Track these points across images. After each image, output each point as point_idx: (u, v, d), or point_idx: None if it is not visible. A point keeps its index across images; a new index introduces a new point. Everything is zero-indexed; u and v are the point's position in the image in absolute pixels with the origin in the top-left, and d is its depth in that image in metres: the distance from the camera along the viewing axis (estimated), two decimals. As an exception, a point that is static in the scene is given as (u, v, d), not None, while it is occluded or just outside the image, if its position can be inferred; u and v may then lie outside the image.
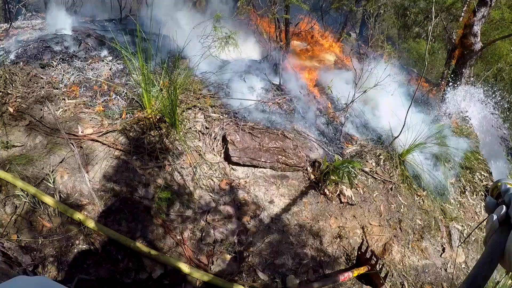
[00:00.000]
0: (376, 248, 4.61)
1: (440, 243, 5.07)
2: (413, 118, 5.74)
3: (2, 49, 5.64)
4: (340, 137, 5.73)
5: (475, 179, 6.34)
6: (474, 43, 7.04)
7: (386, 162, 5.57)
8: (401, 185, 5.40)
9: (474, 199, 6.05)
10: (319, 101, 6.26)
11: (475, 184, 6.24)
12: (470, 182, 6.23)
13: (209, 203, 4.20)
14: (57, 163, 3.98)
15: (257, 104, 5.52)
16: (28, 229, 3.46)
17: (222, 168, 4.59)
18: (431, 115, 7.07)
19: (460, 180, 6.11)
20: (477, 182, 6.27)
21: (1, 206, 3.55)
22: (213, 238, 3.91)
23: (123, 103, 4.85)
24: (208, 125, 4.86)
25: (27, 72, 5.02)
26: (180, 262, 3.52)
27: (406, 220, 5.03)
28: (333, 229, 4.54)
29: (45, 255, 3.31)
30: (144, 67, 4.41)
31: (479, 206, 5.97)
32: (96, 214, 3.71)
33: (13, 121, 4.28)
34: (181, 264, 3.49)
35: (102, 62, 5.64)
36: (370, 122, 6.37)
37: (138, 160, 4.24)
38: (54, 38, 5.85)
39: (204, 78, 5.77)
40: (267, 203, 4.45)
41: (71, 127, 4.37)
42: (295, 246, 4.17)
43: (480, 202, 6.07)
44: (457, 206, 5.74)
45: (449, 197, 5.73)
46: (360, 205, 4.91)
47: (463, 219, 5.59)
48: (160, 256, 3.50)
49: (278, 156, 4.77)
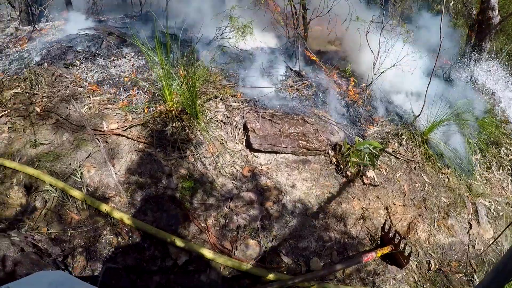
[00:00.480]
0: (401, 228, 4.62)
1: (466, 220, 5.03)
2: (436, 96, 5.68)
3: (26, 51, 5.83)
4: (361, 119, 5.71)
5: (501, 153, 6.25)
6: (492, 17, 6.91)
7: (408, 141, 5.51)
8: (424, 164, 5.35)
9: (501, 174, 5.97)
10: (339, 84, 6.26)
11: (502, 158, 6.16)
12: (496, 157, 6.15)
13: (232, 190, 4.29)
14: (83, 158, 4.15)
15: (276, 92, 5.57)
16: (58, 222, 3.63)
17: (244, 156, 4.68)
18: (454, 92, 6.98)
19: (485, 156, 6.02)
20: (503, 157, 6.18)
21: (31, 201, 3.73)
22: (236, 224, 4.00)
23: (146, 97, 4.97)
24: (229, 114, 4.94)
25: (52, 72, 5.20)
26: (204, 248, 3.63)
27: (431, 199, 4.99)
28: (356, 211, 4.57)
29: (74, 246, 3.48)
30: (163, 62, 4.51)
31: (506, 181, 5.89)
32: (122, 206, 3.85)
33: (41, 120, 4.46)
34: (204, 250, 3.60)
35: (124, 59, 5.77)
36: (391, 103, 6.32)
37: (161, 151, 4.37)
38: (77, 38, 6.01)
39: (224, 68, 5.84)
40: (289, 188, 4.51)
41: (96, 123, 4.53)
42: (318, 229, 4.23)
43: (507, 176, 5.99)
44: (483, 182, 5.68)
45: (475, 173, 5.65)
46: (383, 186, 4.90)
47: (490, 195, 5.53)
48: (184, 243, 3.61)
49: (298, 141, 4.82)
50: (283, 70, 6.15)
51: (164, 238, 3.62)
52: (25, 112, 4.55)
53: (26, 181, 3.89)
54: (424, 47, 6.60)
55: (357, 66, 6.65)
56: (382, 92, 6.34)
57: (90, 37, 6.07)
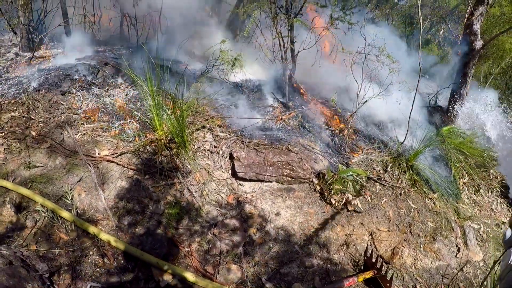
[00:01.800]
0: (385, 253, 4.72)
1: (454, 243, 5.13)
2: (421, 122, 5.84)
3: (25, 77, 6.03)
4: (345, 147, 5.90)
5: (490, 176, 6.39)
6: (475, 42, 7.12)
7: (394, 168, 5.67)
8: (410, 190, 5.49)
9: (490, 196, 6.11)
10: (324, 114, 6.46)
11: (490, 181, 6.30)
12: (484, 179, 6.28)
13: (216, 217, 4.45)
14: (75, 182, 4.32)
15: (263, 122, 5.77)
16: (46, 240, 3.78)
17: (230, 184, 4.85)
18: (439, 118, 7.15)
19: (473, 179, 6.15)
20: (492, 179, 6.33)
21: (22, 219, 3.89)
22: (219, 250, 4.14)
23: (137, 126, 5.16)
24: (216, 144, 5.13)
25: (49, 98, 5.39)
26: (187, 271, 3.76)
27: (417, 224, 5.12)
28: (339, 237, 4.71)
29: (61, 264, 3.62)
30: (153, 93, 4.72)
31: (495, 202, 6.02)
32: (110, 228, 4.01)
33: (36, 143, 4.65)
34: (187, 273, 3.73)
35: (118, 89, 5.98)
36: (376, 130, 6.49)
37: (150, 178, 4.54)
38: (74, 67, 6.21)
39: (212, 99, 6.05)
40: (273, 215, 4.67)
41: (89, 149, 4.72)
42: (301, 255, 4.36)
43: (496, 198, 6.11)
44: (471, 205, 5.79)
45: (462, 197, 5.77)
46: (368, 212, 5.04)
47: (478, 217, 5.64)
48: (168, 266, 3.75)
49: (283, 170, 5.01)
50: (270, 101, 6.36)
51: (148, 261, 3.76)
52: (21, 135, 4.73)
53: (19, 200, 4.06)
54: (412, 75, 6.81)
55: (342, 96, 6.86)
56: (367, 120, 6.53)
57: (86, 67, 6.27)
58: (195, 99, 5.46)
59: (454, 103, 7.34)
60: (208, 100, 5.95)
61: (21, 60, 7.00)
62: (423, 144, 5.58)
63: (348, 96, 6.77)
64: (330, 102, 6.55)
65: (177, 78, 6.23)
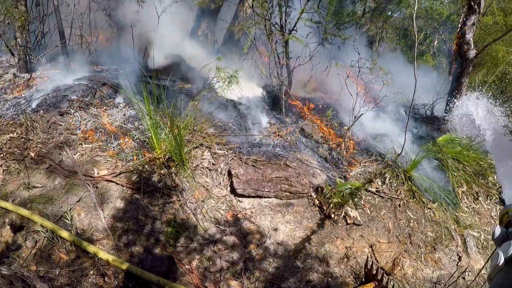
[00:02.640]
0: (386, 265, 4.71)
1: (455, 252, 5.13)
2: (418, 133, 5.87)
3: (23, 98, 6.07)
4: (343, 161, 5.94)
5: (488, 183, 6.39)
6: (468, 51, 7.17)
7: (392, 180, 5.69)
8: (409, 200, 5.50)
9: (489, 203, 6.10)
10: (321, 128, 6.51)
11: (489, 188, 6.29)
12: (483, 187, 6.28)
13: (215, 234, 4.46)
14: (74, 202, 4.34)
15: (260, 138, 5.82)
16: (47, 260, 3.79)
17: (228, 201, 4.87)
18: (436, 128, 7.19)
19: (472, 187, 6.14)
20: (490, 187, 6.32)
21: (22, 240, 3.90)
22: (219, 266, 4.15)
23: (135, 145, 5.19)
24: (214, 161, 5.17)
25: (47, 119, 5.44)
26: (187, 288, 3.78)
27: (417, 234, 5.12)
28: (340, 250, 4.71)
29: (61, 284, 3.62)
30: (151, 112, 4.76)
31: (494, 209, 6.00)
32: (110, 248, 4.02)
33: (34, 164, 4.68)
34: (187, 290, 3.75)
35: (116, 109, 6.02)
36: (373, 143, 6.53)
37: (149, 197, 4.57)
38: (72, 87, 6.28)
39: (210, 117, 6.09)
40: (272, 230, 4.68)
41: (88, 169, 4.74)
42: (302, 269, 4.36)
43: (495, 205, 6.11)
44: (471, 213, 5.79)
45: (461, 205, 5.77)
46: (367, 225, 5.05)
47: (478, 225, 5.63)
48: (168, 283, 3.75)
49: (281, 185, 5.04)
50: (267, 117, 6.41)
51: (149, 279, 3.76)
52: (20, 156, 4.76)
53: (18, 221, 4.07)
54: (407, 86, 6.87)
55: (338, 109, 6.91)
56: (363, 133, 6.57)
57: (84, 87, 6.34)
58: (192, 117, 5.50)
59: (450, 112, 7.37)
60: (205, 118, 6.00)
61: (19, 81, 7.05)
62: (420, 155, 5.61)
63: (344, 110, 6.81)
64: (326, 116, 6.62)
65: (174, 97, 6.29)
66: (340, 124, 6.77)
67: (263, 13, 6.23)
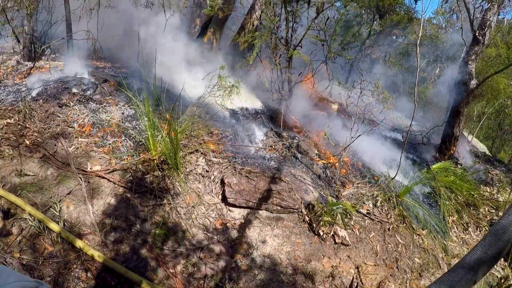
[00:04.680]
0: (370, 287, 4.71)
1: None
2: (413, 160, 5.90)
3: (24, 85, 6.07)
4: (336, 180, 5.96)
5: (480, 215, 6.41)
6: (469, 81, 7.23)
7: (383, 203, 5.71)
8: (399, 225, 5.52)
9: (478, 234, 6.11)
10: (317, 146, 6.54)
11: (479, 220, 6.31)
12: (473, 218, 6.31)
13: (203, 241, 4.45)
14: (64, 194, 4.32)
15: (256, 150, 5.83)
16: (31, 250, 3.76)
17: (219, 209, 4.86)
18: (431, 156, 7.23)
19: (462, 217, 6.18)
20: (481, 218, 6.34)
21: (9, 226, 3.87)
22: (204, 273, 4.13)
23: (131, 145, 5.19)
24: (208, 169, 5.17)
25: (46, 109, 5.43)
26: (170, 292, 3.76)
27: (404, 259, 5.13)
28: (326, 269, 4.70)
29: (43, 274, 3.59)
30: (149, 113, 4.77)
31: None
32: (96, 243, 3.99)
33: (28, 152, 4.65)
34: (170, 294, 3.72)
35: (115, 106, 6.02)
36: (367, 166, 6.57)
37: (139, 197, 4.56)
38: (73, 80, 6.27)
39: (208, 124, 6.11)
40: (260, 243, 4.67)
41: (81, 163, 4.73)
42: (286, 284, 4.35)
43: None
44: (459, 243, 5.81)
45: (451, 235, 5.80)
46: (355, 245, 5.06)
47: None
48: (151, 286, 3.73)
49: (273, 199, 5.04)
50: (264, 130, 6.44)
51: (132, 279, 3.74)
52: (15, 142, 4.74)
53: (6, 206, 4.04)
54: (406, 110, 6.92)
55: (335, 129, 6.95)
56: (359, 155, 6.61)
57: (86, 81, 6.34)
58: (190, 122, 5.51)
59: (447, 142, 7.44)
60: (203, 124, 6.01)
61: (22, 69, 7.05)
62: (413, 181, 5.66)
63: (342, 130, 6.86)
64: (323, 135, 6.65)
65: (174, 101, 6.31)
66: (337, 143, 6.80)
67: (270, 26, 6.29)
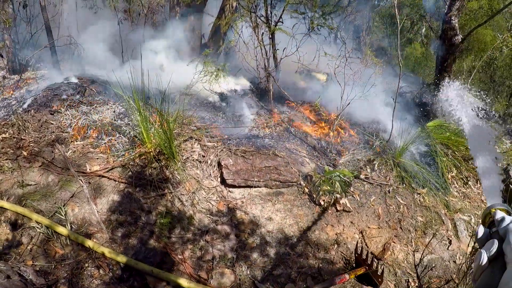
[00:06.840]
0: (376, 250, 4.80)
1: (445, 236, 5.23)
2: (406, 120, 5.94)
3: (14, 99, 6.13)
4: (331, 149, 6.03)
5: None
6: (454, 37, 7.24)
7: (380, 166, 5.79)
8: (398, 186, 5.60)
9: (478, 187, 6.17)
10: (310, 118, 6.60)
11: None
12: (472, 171, 6.34)
13: (208, 224, 4.56)
14: (68, 198, 4.42)
15: (249, 129, 5.91)
16: (43, 255, 3.88)
17: (219, 192, 4.96)
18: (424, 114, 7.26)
19: (461, 172, 6.24)
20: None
21: (18, 236, 3.98)
22: (212, 255, 4.25)
23: (126, 141, 5.27)
24: (204, 154, 5.25)
25: (38, 119, 5.50)
26: (181, 278, 3.86)
27: (407, 219, 5.23)
28: (330, 237, 4.81)
29: (57, 277, 3.71)
30: (140, 108, 4.83)
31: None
32: (104, 241, 4.11)
33: (27, 163, 4.75)
34: (181, 279, 3.83)
35: (106, 106, 6.08)
36: (361, 131, 6.61)
37: (141, 190, 4.66)
38: (62, 86, 6.31)
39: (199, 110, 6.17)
40: (263, 219, 4.79)
41: (80, 166, 4.82)
42: (293, 256, 4.47)
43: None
44: (461, 198, 5.88)
45: (451, 190, 5.86)
46: (357, 211, 5.15)
47: (468, 209, 5.72)
48: (161, 273, 3.85)
49: (270, 174, 5.13)
50: (256, 109, 6.50)
51: (143, 269, 3.86)
52: (13, 155, 4.83)
53: (14, 218, 4.15)
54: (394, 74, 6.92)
55: (326, 99, 6.99)
56: (351, 121, 6.66)
57: (74, 86, 6.38)
58: (181, 111, 5.57)
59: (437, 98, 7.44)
60: (194, 111, 6.07)
61: (9, 83, 7.10)
62: (409, 141, 5.69)
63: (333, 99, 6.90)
64: (315, 106, 6.71)
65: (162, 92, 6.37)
66: (329, 113, 6.85)
67: (248, 5, 6.30)
